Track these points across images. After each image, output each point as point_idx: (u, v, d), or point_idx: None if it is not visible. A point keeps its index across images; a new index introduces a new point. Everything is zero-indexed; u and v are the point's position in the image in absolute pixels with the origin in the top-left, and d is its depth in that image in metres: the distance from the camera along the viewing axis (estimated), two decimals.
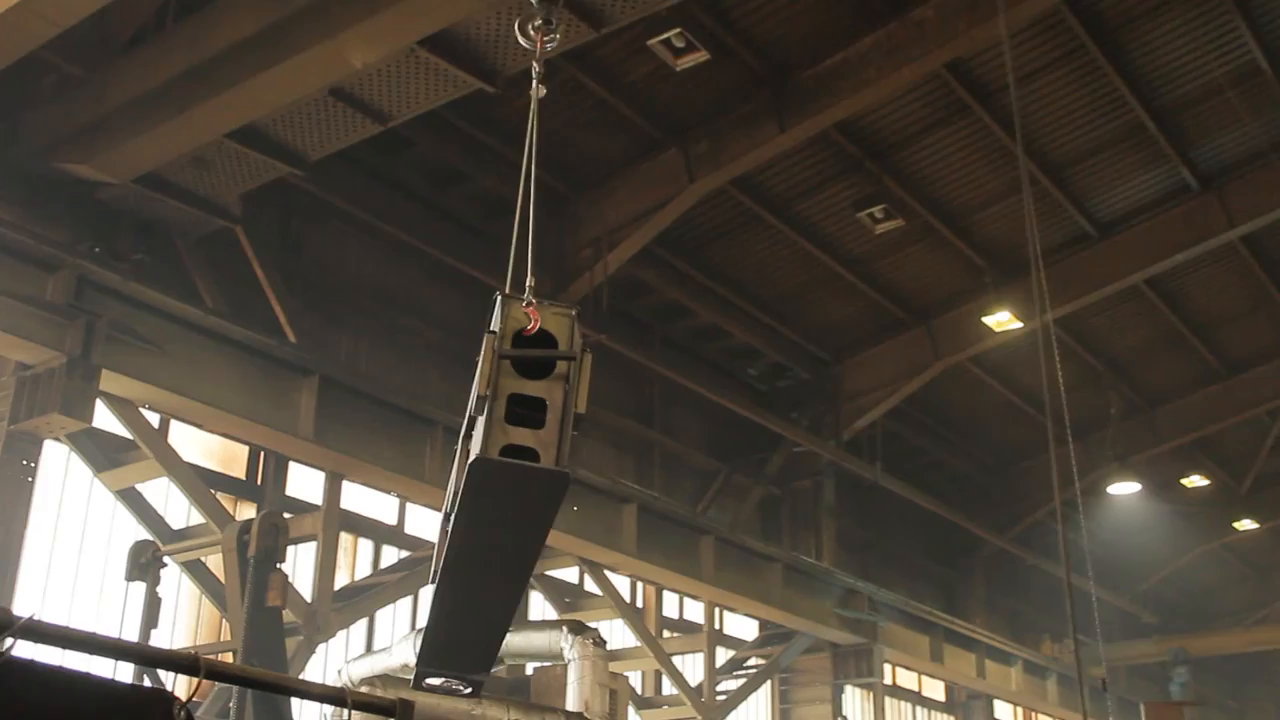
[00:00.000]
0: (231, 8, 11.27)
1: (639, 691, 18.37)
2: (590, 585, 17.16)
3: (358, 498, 14.61)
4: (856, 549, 22.49)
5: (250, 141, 12.12)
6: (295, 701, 11.22)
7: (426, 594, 4.53)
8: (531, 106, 5.40)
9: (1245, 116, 16.94)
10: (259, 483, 14.07)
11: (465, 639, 4.58)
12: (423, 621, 14.86)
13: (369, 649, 14.36)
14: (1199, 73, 16.27)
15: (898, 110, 16.11)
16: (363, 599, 13.97)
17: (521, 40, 5.42)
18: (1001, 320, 19.06)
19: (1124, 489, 23.45)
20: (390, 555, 15.29)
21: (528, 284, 4.04)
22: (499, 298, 3.95)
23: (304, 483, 14.26)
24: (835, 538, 20.92)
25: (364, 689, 10.11)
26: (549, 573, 16.90)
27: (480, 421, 3.56)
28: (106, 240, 12.42)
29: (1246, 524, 27.40)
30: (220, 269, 13.37)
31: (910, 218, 17.35)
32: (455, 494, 4.16)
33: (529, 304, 3.90)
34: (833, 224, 17.76)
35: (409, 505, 15.39)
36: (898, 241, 18.15)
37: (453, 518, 3.89)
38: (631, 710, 17.05)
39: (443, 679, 4.79)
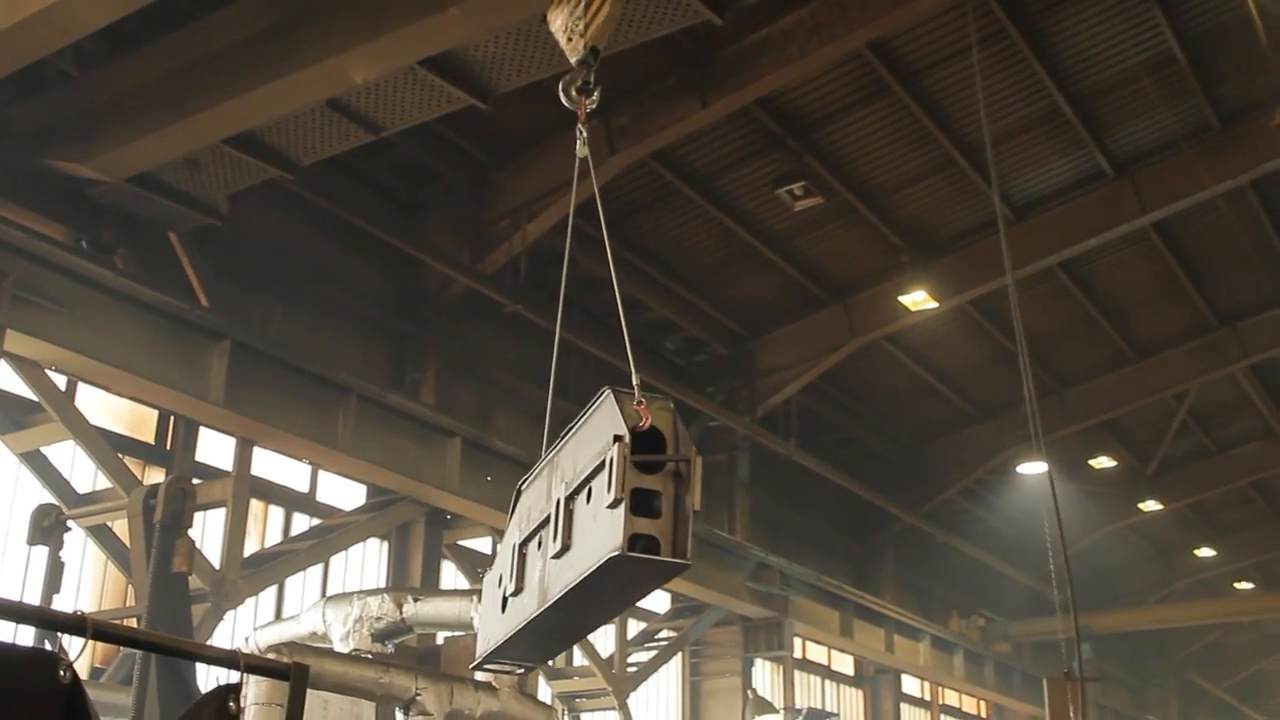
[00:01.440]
0: (232, 17, 11.50)
1: (550, 662, 18.39)
2: None
3: (269, 464, 14.48)
4: (769, 524, 22.65)
5: (245, 146, 12.44)
6: (201, 670, 11.13)
7: (486, 586, 5.32)
8: (576, 165, 5.82)
9: (1159, 105, 17.19)
10: (168, 448, 13.88)
11: (542, 646, 5.34)
12: (333, 590, 14.77)
13: (278, 616, 14.25)
14: (1116, 60, 16.49)
15: (820, 88, 16.17)
16: (272, 566, 13.86)
17: (564, 101, 5.67)
18: (917, 300, 19.25)
19: (1033, 469, 23.74)
20: (301, 523, 15.17)
21: (634, 381, 4.38)
22: (610, 394, 4.28)
23: (214, 448, 14.10)
24: (748, 512, 21.05)
25: (270, 656, 10.03)
26: (460, 542, 16.85)
27: (610, 513, 4.07)
28: (92, 233, 12.49)
29: (1151, 505, 27.92)
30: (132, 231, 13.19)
31: (829, 196, 17.43)
32: (541, 528, 4.77)
33: (639, 402, 4.18)
34: (752, 200, 17.82)
35: (321, 472, 15.28)
36: (816, 219, 18.25)
37: (573, 577, 4.37)
38: (542, 681, 17.08)
39: (506, 664, 5.46)
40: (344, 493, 15.63)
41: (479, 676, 11.57)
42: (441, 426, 15.33)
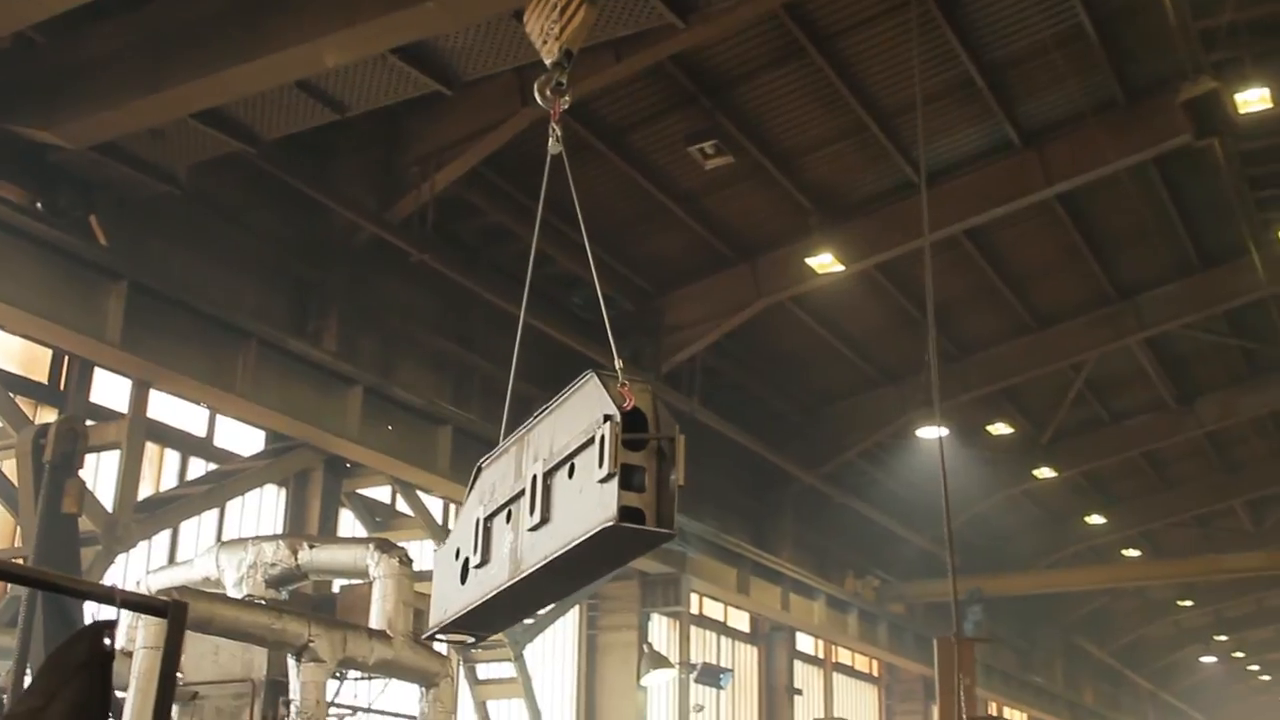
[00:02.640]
0: None
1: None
2: (402, 505, 17.08)
3: (165, 407, 14.29)
4: None
5: (212, 121, 12.94)
6: (91, 611, 11.00)
7: (440, 559, 5.65)
8: (548, 161, 6.03)
9: (1068, 78, 17.38)
10: (61, 388, 13.65)
11: (503, 616, 5.56)
12: (229, 534, 14.64)
13: (171, 561, 14.11)
14: (1028, 32, 16.63)
15: (735, 48, 16.15)
16: (166, 510, 13.70)
17: (539, 100, 5.91)
18: (824, 262, 19.36)
19: (932, 433, 24.02)
20: (197, 467, 15.01)
21: (617, 365, 4.71)
22: (595, 377, 4.59)
23: (109, 390, 13.88)
24: None
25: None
26: (360, 491, 16.76)
27: (600, 487, 4.34)
28: (48, 197, 12.71)
29: (1045, 472, 28.44)
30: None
31: (740, 155, 17.45)
32: (511, 503, 5.00)
33: (623, 384, 4.48)
34: (664, 157, 17.79)
35: (219, 417, 15.11)
36: (727, 178, 18.26)
37: (556, 547, 4.60)
38: None
39: (460, 634, 5.70)
40: (242, 438, 15.47)
41: (372, 624, 11.56)
42: (343, 374, 15.22)
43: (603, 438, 4.33)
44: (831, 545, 27.96)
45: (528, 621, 18.48)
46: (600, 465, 4.31)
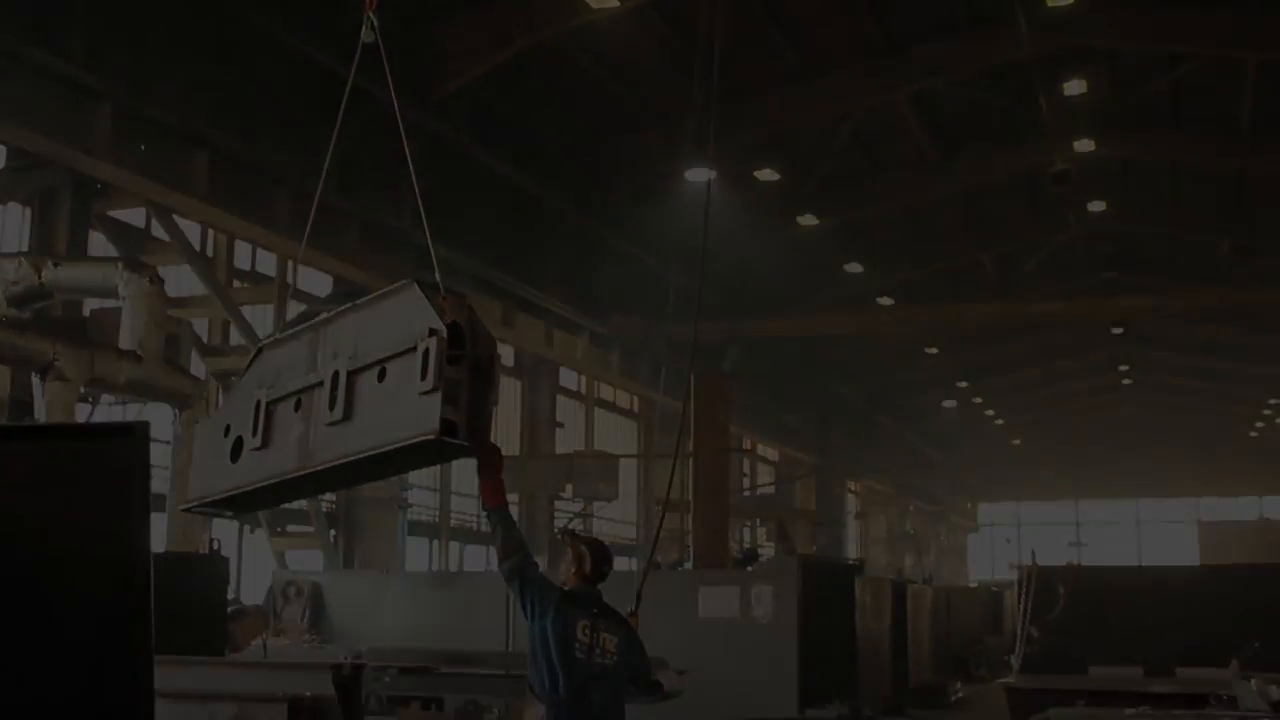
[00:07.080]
0: None
1: (205, 340, 18.13)
2: (158, 230, 16.60)
3: None
4: (437, 214, 22.43)
5: None
6: None
7: (204, 431, 5.57)
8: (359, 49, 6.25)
9: None
10: None
11: (271, 500, 5.76)
12: None
13: None
14: None
15: None
16: None
17: None
18: None
19: (700, 176, 24.21)
20: None
21: (437, 276, 5.02)
22: (417, 287, 4.68)
23: None
24: (417, 199, 20.84)
25: None
26: (112, 213, 16.20)
27: (420, 399, 4.44)
28: None
29: (808, 219, 29.06)
30: None
31: None
32: (303, 393, 5.01)
33: (444, 297, 4.58)
34: None
35: None
36: None
37: (363, 447, 4.67)
38: (196, 356, 16.83)
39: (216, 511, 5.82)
40: None
41: (123, 345, 11.36)
42: (91, 87, 14.47)
43: (427, 351, 4.41)
44: (597, 283, 28.23)
45: None
46: (423, 378, 4.40)
